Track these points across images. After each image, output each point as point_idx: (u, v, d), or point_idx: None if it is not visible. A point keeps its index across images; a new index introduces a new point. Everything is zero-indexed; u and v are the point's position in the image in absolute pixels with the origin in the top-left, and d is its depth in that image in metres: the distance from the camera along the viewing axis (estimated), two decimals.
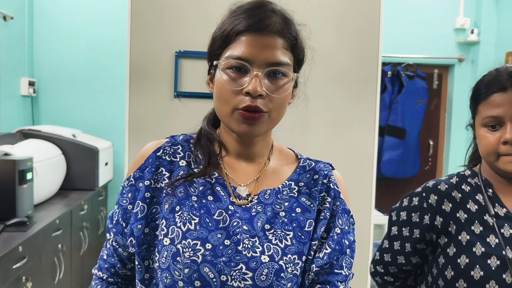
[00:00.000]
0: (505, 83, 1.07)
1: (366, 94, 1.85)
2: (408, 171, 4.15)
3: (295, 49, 0.85)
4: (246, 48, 0.80)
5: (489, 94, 1.09)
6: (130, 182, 0.89)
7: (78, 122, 3.71)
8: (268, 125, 0.84)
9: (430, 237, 1.17)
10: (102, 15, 3.70)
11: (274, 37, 0.81)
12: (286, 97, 0.84)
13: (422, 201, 1.18)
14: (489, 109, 1.08)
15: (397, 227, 1.22)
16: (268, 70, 0.80)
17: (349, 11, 1.84)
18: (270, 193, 0.88)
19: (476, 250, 1.08)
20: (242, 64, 0.81)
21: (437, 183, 1.19)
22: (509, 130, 1.05)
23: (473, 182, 1.17)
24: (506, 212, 1.10)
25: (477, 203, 1.13)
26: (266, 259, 0.80)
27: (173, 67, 1.77)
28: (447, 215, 1.14)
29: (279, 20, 0.83)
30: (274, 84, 0.82)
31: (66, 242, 2.67)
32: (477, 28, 4.07)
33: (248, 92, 0.79)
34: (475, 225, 1.11)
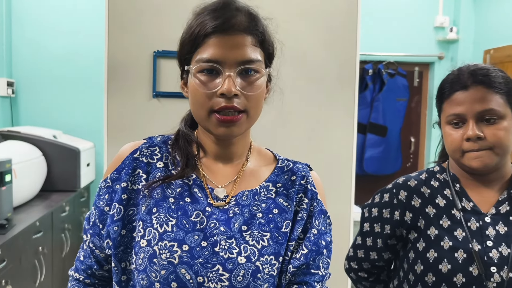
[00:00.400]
0: (466, 81, 1.10)
1: (344, 92, 1.87)
2: (390, 168, 4.20)
3: (264, 44, 0.86)
4: (215, 49, 0.80)
5: (452, 93, 1.11)
6: (107, 184, 0.89)
7: (59, 123, 3.66)
8: (247, 125, 0.85)
9: (400, 232, 1.19)
10: (80, 15, 3.66)
11: (242, 35, 0.82)
12: (261, 93, 0.84)
13: (392, 197, 1.20)
14: (452, 107, 1.11)
15: (369, 223, 1.24)
16: (240, 69, 0.81)
17: (326, 10, 1.85)
18: (248, 194, 0.88)
19: (444, 244, 1.10)
20: (213, 66, 0.81)
21: (407, 179, 1.21)
22: (471, 127, 1.07)
23: (441, 178, 1.19)
24: (473, 206, 1.13)
25: (445, 198, 1.16)
26: (242, 260, 0.81)
27: (152, 67, 1.77)
28: (416, 210, 1.16)
29: (245, 18, 0.83)
30: (248, 82, 0.82)
31: (47, 244, 2.64)
32: (456, 26, 4.14)
33: (223, 93, 0.79)
34: (443, 219, 1.13)
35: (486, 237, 1.09)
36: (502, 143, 1.07)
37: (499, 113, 1.07)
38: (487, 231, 1.09)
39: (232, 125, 0.82)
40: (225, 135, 0.84)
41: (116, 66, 1.76)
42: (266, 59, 0.87)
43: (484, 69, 1.11)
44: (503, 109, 1.07)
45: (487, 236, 1.09)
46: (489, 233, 1.09)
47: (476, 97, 1.07)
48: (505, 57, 3.66)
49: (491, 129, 1.07)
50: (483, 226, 1.10)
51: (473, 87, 1.08)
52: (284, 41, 1.92)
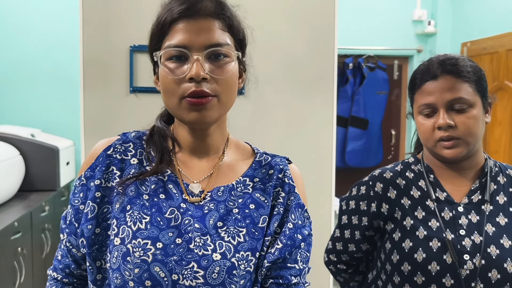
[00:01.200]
0: (436, 71, 1.11)
1: (323, 86, 1.87)
2: (371, 160, 4.24)
3: (233, 29, 0.85)
4: (182, 35, 0.80)
5: (422, 83, 1.13)
6: (81, 182, 0.87)
7: (37, 121, 3.59)
8: (219, 110, 0.83)
9: (377, 224, 1.20)
10: (55, 11, 3.59)
11: (209, 20, 0.81)
12: (231, 77, 0.83)
13: (369, 190, 1.21)
14: (423, 97, 1.12)
15: (347, 216, 1.26)
16: (207, 52, 0.80)
17: (304, 3, 1.85)
18: (224, 190, 0.87)
19: (419, 234, 1.12)
20: (181, 52, 0.80)
21: (383, 172, 1.23)
22: (442, 116, 1.09)
23: (416, 169, 1.21)
24: (446, 196, 1.15)
25: (420, 189, 1.17)
26: (217, 257, 0.80)
27: (128, 62, 1.74)
28: (392, 202, 1.18)
29: (211, 3, 0.82)
30: (217, 65, 0.81)
31: (27, 245, 2.59)
32: (434, 19, 4.18)
33: (192, 77, 0.78)
34: (418, 210, 1.15)
35: (459, 226, 1.11)
36: (472, 131, 1.09)
37: (468, 102, 1.08)
38: (460, 220, 1.12)
39: (203, 108, 0.80)
40: (196, 120, 0.82)
41: (91, 61, 1.73)
42: (237, 45, 0.86)
43: (452, 58, 1.12)
44: (472, 97, 1.09)
45: (460, 225, 1.11)
46: (462, 222, 1.11)
47: (445, 86, 1.09)
48: (481, 49, 3.72)
49: (461, 117, 1.08)
50: (456, 216, 1.12)
51: (442, 77, 1.10)
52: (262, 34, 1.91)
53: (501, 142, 3.52)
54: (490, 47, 3.63)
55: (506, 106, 3.46)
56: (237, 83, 0.87)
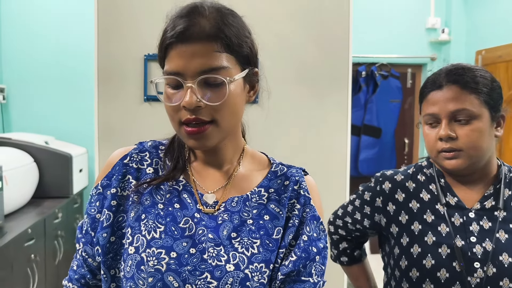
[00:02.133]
0: (442, 81, 1.09)
1: (337, 94, 1.86)
2: (384, 169, 4.19)
3: (233, 47, 0.79)
4: (176, 61, 0.77)
5: (428, 93, 1.11)
6: (98, 191, 0.87)
7: (51, 128, 3.64)
8: (218, 135, 0.81)
9: (379, 219, 1.20)
10: (70, 18, 3.64)
11: (203, 43, 0.77)
12: (229, 101, 0.79)
13: (376, 184, 1.22)
14: (428, 107, 1.11)
15: (354, 196, 1.29)
16: (200, 79, 0.76)
17: (319, 12, 1.85)
18: (238, 200, 0.86)
19: (428, 239, 1.10)
20: (174, 79, 0.77)
21: (394, 173, 1.22)
22: (443, 127, 1.06)
23: (428, 173, 1.19)
24: (457, 201, 1.12)
25: (430, 193, 1.16)
26: (231, 268, 0.79)
27: (142, 71, 1.75)
28: (400, 204, 1.17)
29: (209, 23, 0.78)
30: (212, 91, 0.77)
31: (40, 252, 2.60)
32: (448, 27, 4.15)
33: (185, 106, 0.76)
34: (427, 214, 1.13)
35: (470, 232, 1.08)
36: (475, 144, 1.05)
37: (472, 114, 1.05)
38: (470, 226, 1.09)
39: (201, 136, 0.79)
40: (195, 147, 0.82)
41: (106, 70, 1.74)
42: (240, 62, 0.82)
43: (461, 68, 1.10)
44: (478, 109, 1.05)
45: (470, 231, 1.08)
46: (473, 228, 1.09)
47: (449, 97, 1.06)
48: (496, 57, 3.68)
49: (464, 129, 1.05)
50: (467, 222, 1.09)
51: (447, 87, 1.08)
52: (277, 43, 1.91)
53: None
54: (506, 55, 3.58)
55: None
56: (246, 98, 0.85)
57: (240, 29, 0.82)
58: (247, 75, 0.84)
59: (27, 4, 3.62)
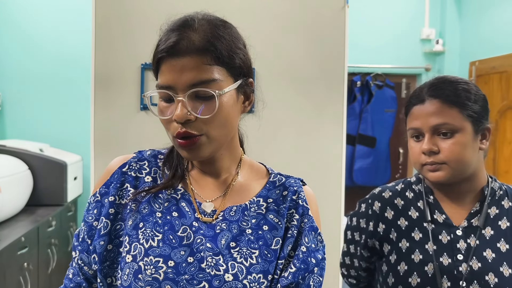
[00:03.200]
0: (424, 95, 1.10)
1: (332, 103, 1.87)
2: (379, 179, 4.21)
3: (223, 59, 0.80)
4: (166, 75, 0.78)
5: (411, 107, 1.12)
6: (96, 198, 0.88)
7: (46, 136, 3.62)
8: (211, 146, 0.81)
9: (372, 244, 1.19)
10: (67, 27, 3.64)
11: (192, 57, 0.77)
12: (220, 113, 0.79)
13: (368, 208, 1.21)
14: (412, 121, 1.11)
15: (351, 232, 1.26)
16: (190, 92, 0.77)
17: (315, 23, 1.86)
18: (236, 210, 0.86)
19: (415, 257, 1.09)
20: (165, 93, 0.78)
21: (382, 190, 1.22)
22: (425, 141, 1.07)
23: (416, 189, 1.19)
24: (445, 218, 1.12)
25: (418, 210, 1.15)
26: (229, 278, 0.79)
27: (139, 79, 1.76)
28: (389, 222, 1.16)
29: (198, 37, 0.78)
30: (204, 103, 0.78)
31: (33, 260, 2.58)
32: (442, 38, 4.20)
33: (175, 119, 0.77)
34: (415, 232, 1.13)
35: (457, 250, 1.08)
36: (457, 157, 1.05)
37: (454, 127, 1.05)
38: (458, 244, 1.08)
39: (193, 148, 0.79)
40: (189, 158, 0.83)
41: (103, 78, 1.75)
42: (233, 74, 0.82)
43: (443, 82, 1.10)
44: (459, 123, 1.05)
45: (457, 249, 1.08)
46: (460, 246, 1.08)
47: (430, 111, 1.07)
48: (490, 68, 3.72)
49: (446, 143, 1.06)
50: (454, 240, 1.09)
51: (428, 101, 1.08)
52: (273, 54, 1.93)
53: (511, 161, 3.49)
54: (499, 66, 3.62)
55: None
56: (241, 108, 0.86)
57: (233, 41, 0.83)
58: (241, 86, 0.84)
59: (24, 12, 3.62)
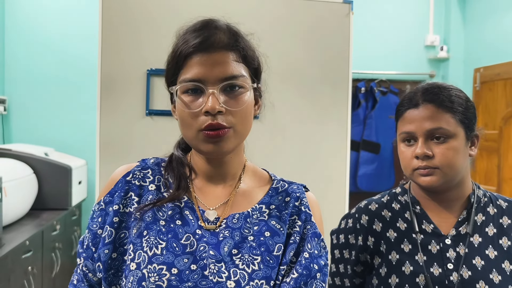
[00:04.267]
0: (418, 100, 1.09)
1: (337, 110, 1.88)
2: (383, 185, 4.20)
3: (247, 59, 0.85)
4: (197, 69, 0.80)
5: (404, 111, 1.11)
6: (100, 207, 0.89)
7: (51, 140, 3.64)
8: (235, 140, 0.84)
9: (364, 258, 1.17)
10: (73, 31, 3.67)
11: (223, 52, 0.81)
12: (247, 108, 0.83)
13: (355, 222, 1.19)
14: (404, 125, 1.10)
15: (338, 250, 1.22)
16: (222, 85, 0.80)
17: (320, 30, 1.87)
18: (239, 217, 0.87)
19: (405, 269, 1.08)
20: (196, 86, 0.80)
21: (369, 203, 1.20)
22: (419, 146, 1.06)
23: (403, 200, 1.18)
24: (433, 228, 1.11)
25: (406, 221, 1.14)
26: (232, 285, 0.79)
27: (145, 85, 1.77)
28: (378, 234, 1.15)
29: (225, 35, 0.83)
30: (232, 98, 0.81)
31: (37, 264, 2.59)
32: (446, 45, 4.20)
33: (207, 111, 0.79)
34: (405, 243, 1.12)
35: (447, 259, 1.07)
36: (450, 162, 1.05)
37: (448, 132, 1.05)
38: (447, 253, 1.08)
39: (220, 140, 0.81)
40: (214, 151, 0.83)
41: (109, 83, 1.76)
42: (252, 75, 0.86)
43: (437, 87, 1.10)
44: (453, 128, 1.06)
45: (447, 258, 1.07)
46: (450, 255, 1.07)
47: (425, 116, 1.07)
48: (494, 75, 3.71)
49: (440, 148, 1.05)
50: (444, 249, 1.08)
51: (423, 106, 1.08)
52: (278, 60, 1.94)
53: None
54: (504, 73, 3.62)
55: None
56: (253, 110, 0.88)
57: (250, 44, 0.88)
58: (255, 88, 0.87)
59: (31, 17, 3.66)
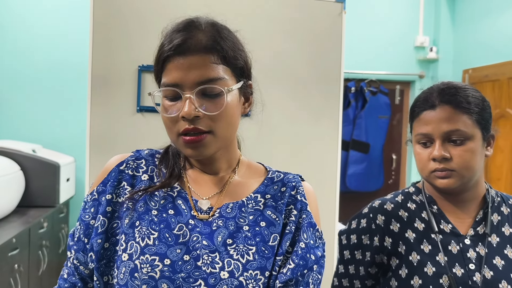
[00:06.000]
0: (434, 101, 1.08)
1: (328, 109, 1.88)
2: (372, 184, 4.23)
3: (229, 59, 0.82)
4: (174, 73, 0.79)
5: (420, 112, 1.10)
6: (93, 197, 0.88)
7: (39, 137, 3.60)
8: (216, 144, 0.82)
9: (380, 259, 1.14)
10: (63, 27, 3.62)
11: (200, 55, 0.79)
12: (227, 111, 0.81)
13: (370, 223, 1.16)
14: (421, 126, 1.09)
15: (349, 251, 1.19)
16: (198, 89, 0.79)
17: (312, 29, 1.87)
18: (233, 206, 0.86)
19: (428, 270, 1.07)
20: (173, 91, 0.80)
21: (383, 203, 1.17)
22: (437, 148, 1.05)
23: (418, 200, 1.16)
24: (452, 228, 1.10)
25: (423, 221, 1.13)
26: (225, 275, 0.79)
27: (136, 81, 1.75)
28: (396, 235, 1.13)
29: (205, 36, 0.81)
30: (210, 101, 0.80)
31: (24, 262, 2.56)
32: (436, 46, 4.23)
33: (183, 116, 0.78)
34: (424, 244, 1.10)
35: (468, 260, 1.06)
36: (468, 164, 1.05)
37: (465, 134, 1.04)
38: (468, 253, 1.07)
39: (199, 145, 0.80)
40: (193, 156, 0.83)
41: (100, 79, 1.74)
42: (236, 73, 0.84)
43: (453, 88, 1.09)
44: (471, 130, 1.05)
45: (468, 259, 1.06)
46: (470, 255, 1.07)
47: (443, 117, 1.05)
48: (483, 76, 3.76)
49: (457, 150, 1.05)
50: (464, 249, 1.07)
51: (440, 107, 1.06)
52: (270, 59, 1.93)
53: (503, 169, 3.52)
54: (492, 75, 3.66)
55: (508, 134, 3.47)
56: (241, 109, 0.87)
57: (235, 43, 0.85)
58: (242, 87, 0.86)
59: (22, 12, 3.61)
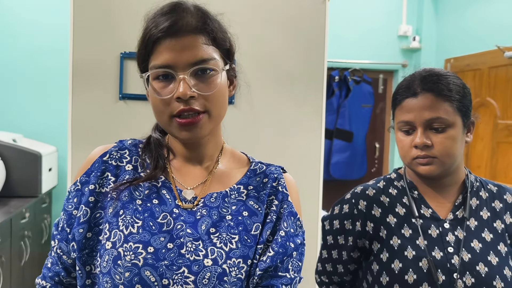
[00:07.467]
0: (416, 88, 1.09)
1: (312, 97, 1.89)
2: (356, 173, 4.28)
3: (218, 41, 0.84)
4: (166, 54, 0.79)
5: (403, 99, 1.11)
6: (76, 187, 0.88)
7: (20, 126, 3.53)
8: (211, 124, 0.84)
9: (362, 243, 1.17)
10: (44, 15, 3.55)
11: (191, 36, 0.80)
12: (220, 91, 0.83)
13: (352, 208, 1.18)
14: (403, 114, 1.10)
15: (332, 236, 1.22)
16: (192, 70, 0.79)
17: (295, 16, 1.87)
18: (217, 196, 0.87)
19: (408, 254, 1.09)
20: (166, 72, 0.80)
21: (365, 188, 1.19)
22: (419, 135, 1.07)
23: (399, 185, 1.19)
24: (432, 212, 1.13)
25: (404, 206, 1.15)
26: (209, 263, 0.79)
27: (118, 69, 1.73)
28: (377, 220, 1.15)
29: (193, 18, 0.81)
30: (204, 82, 0.81)
31: (5, 253, 2.53)
32: (419, 35, 4.27)
33: (179, 97, 0.78)
34: (405, 228, 1.12)
35: (447, 243, 1.09)
36: (449, 151, 1.07)
37: (447, 122, 1.06)
38: (447, 237, 1.10)
39: (194, 127, 0.81)
40: (188, 138, 0.83)
41: (81, 67, 1.71)
42: (224, 55, 0.86)
43: (435, 75, 1.10)
44: (452, 117, 1.07)
45: (447, 242, 1.09)
46: (449, 239, 1.09)
47: (424, 105, 1.07)
48: (464, 66, 3.81)
49: (439, 137, 1.06)
50: (443, 233, 1.10)
51: (422, 95, 1.08)
52: (253, 47, 1.93)
53: (483, 157, 3.59)
54: (473, 64, 3.71)
55: (488, 122, 3.53)
56: (228, 92, 0.88)
57: (221, 25, 0.87)
58: (228, 70, 0.87)
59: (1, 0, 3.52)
